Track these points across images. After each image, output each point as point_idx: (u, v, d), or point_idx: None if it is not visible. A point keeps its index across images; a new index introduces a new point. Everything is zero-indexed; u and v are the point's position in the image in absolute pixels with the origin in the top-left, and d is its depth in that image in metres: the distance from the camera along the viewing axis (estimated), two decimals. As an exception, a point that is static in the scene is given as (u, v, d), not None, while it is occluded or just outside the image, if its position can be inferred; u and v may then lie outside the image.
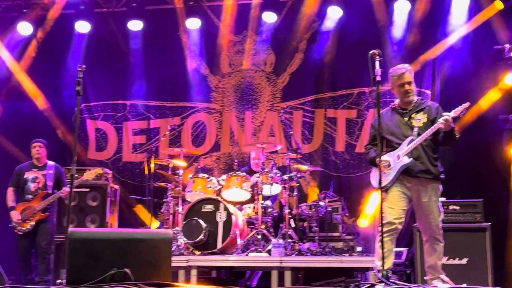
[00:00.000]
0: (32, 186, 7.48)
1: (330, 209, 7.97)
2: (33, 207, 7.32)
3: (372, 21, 9.20)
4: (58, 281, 4.63)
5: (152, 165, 8.20)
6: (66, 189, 7.37)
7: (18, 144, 9.82)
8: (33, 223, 7.31)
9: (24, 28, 10.02)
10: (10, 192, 7.56)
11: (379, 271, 4.94)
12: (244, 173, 7.84)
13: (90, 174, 7.55)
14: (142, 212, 9.50)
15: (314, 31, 9.71)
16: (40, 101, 10.11)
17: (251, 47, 9.96)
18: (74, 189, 7.11)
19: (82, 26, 9.96)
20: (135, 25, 9.90)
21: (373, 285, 4.63)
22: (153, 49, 10.11)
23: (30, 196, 7.42)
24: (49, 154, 7.93)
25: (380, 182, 5.06)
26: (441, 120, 5.35)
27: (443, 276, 5.54)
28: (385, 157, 5.49)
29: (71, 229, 4.45)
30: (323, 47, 9.55)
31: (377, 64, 5.03)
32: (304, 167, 8.04)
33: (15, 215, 7.33)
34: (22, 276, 7.31)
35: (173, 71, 10.07)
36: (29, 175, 7.55)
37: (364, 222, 8.68)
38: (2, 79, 10.36)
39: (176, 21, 10.03)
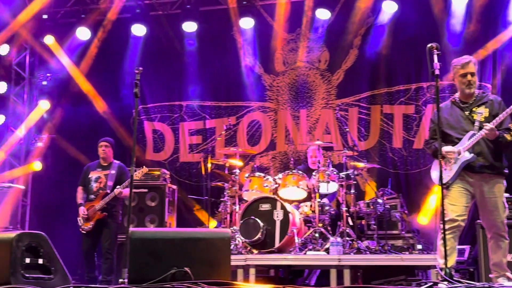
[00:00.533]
0: (94, 186, 7.55)
1: (389, 206, 7.84)
2: (94, 207, 7.39)
3: (429, 14, 9.01)
4: (120, 280, 4.69)
5: (209, 165, 8.27)
6: (118, 189, 7.39)
7: (79, 146, 10.11)
8: (92, 222, 7.38)
9: (83, 33, 10.30)
10: (80, 191, 7.64)
11: (441, 269, 4.83)
12: (300, 172, 7.81)
13: (138, 174, 7.54)
14: (199, 211, 9.59)
15: (368, 26, 9.59)
16: (99, 104, 10.34)
17: (305, 44, 9.92)
18: (134, 190, 7.24)
19: (138, 29, 10.16)
20: (190, 26, 10.00)
21: (435, 283, 4.53)
22: (208, 49, 10.19)
23: (92, 196, 7.50)
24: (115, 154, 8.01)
25: (441, 179, 4.93)
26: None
27: (508, 274, 5.37)
28: (450, 148, 5.34)
29: (132, 229, 4.51)
30: (378, 42, 9.42)
31: (435, 57, 4.91)
32: (361, 164, 7.95)
33: (81, 211, 7.41)
34: (85, 274, 7.45)
35: (227, 71, 10.14)
36: (93, 175, 7.61)
37: (424, 219, 8.52)
38: (62, 83, 10.67)
39: (229, 21, 10.08)
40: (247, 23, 9.90)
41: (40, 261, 4.50)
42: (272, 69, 10.09)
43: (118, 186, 7.42)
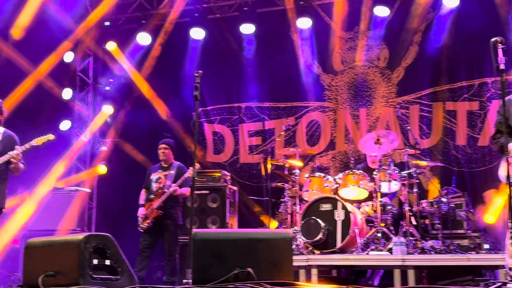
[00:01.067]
0: (154, 186, 7.64)
1: (453, 205, 7.66)
2: (152, 206, 7.50)
3: (491, 6, 8.76)
4: (185, 280, 4.76)
5: (269, 166, 8.29)
6: (172, 187, 7.47)
7: (141, 149, 10.32)
8: (149, 220, 7.47)
9: (143, 38, 10.52)
10: (142, 193, 7.77)
11: (510, 269, 4.69)
12: (361, 171, 7.74)
13: (191, 173, 7.57)
14: (261, 212, 9.62)
15: (429, 22, 9.41)
16: (160, 107, 10.52)
17: (363, 43, 9.81)
18: (195, 192, 7.31)
19: (197, 33, 10.30)
20: (247, 28, 10.08)
21: (504, 283, 4.40)
22: (266, 51, 10.23)
23: (152, 196, 7.59)
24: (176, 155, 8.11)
25: (508, 176, 4.78)
26: None
27: None
28: None
29: (195, 230, 4.57)
30: (439, 38, 9.23)
31: (500, 52, 4.77)
32: (423, 163, 7.80)
33: (140, 211, 7.55)
34: (135, 269, 7.51)
35: (285, 71, 10.13)
36: (154, 176, 7.72)
37: (491, 218, 8.28)
38: (124, 88, 10.93)
39: (287, 21, 10.08)
40: (304, 23, 9.88)
41: (107, 262, 4.60)
42: (331, 68, 10.03)
43: (173, 185, 7.52)
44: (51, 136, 6.08)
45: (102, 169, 10.84)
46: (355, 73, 9.86)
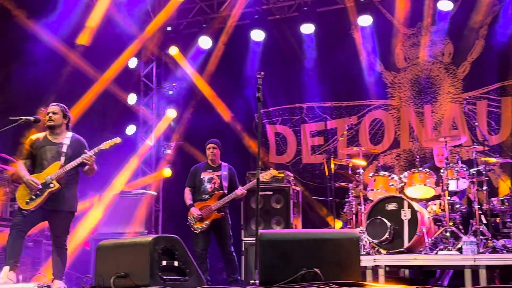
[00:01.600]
0: (208, 186, 7.54)
1: (525, 203, 7.40)
2: (209, 206, 7.41)
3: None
4: (252, 281, 4.78)
5: (332, 166, 8.23)
6: (242, 190, 7.47)
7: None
8: (208, 222, 7.38)
9: (205, 42, 10.66)
10: (188, 192, 7.67)
11: None
12: (427, 170, 7.59)
13: (265, 176, 7.60)
14: (325, 212, 9.57)
15: (495, 15, 9.13)
16: (222, 109, 10.62)
17: (427, 38, 9.62)
18: (259, 193, 7.28)
19: (257, 35, 10.37)
20: (308, 28, 10.06)
21: None
22: (326, 50, 10.17)
23: (206, 196, 7.49)
24: (232, 159, 8.15)
25: None
26: None
27: None
28: None
29: (261, 231, 4.58)
30: (506, 31, 8.94)
31: None
32: (492, 160, 7.57)
33: (195, 211, 7.40)
34: None
35: (347, 70, 10.05)
36: (205, 176, 7.62)
37: None
38: (187, 92, 11.09)
39: (347, 20, 10.01)
40: (365, 21, 9.78)
41: (176, 263, 4.66)
42: (393, 65, 9.88)
43: (240, 187, 7.50)
44: (118, 140, 6.21)
45: (167, 172, 11.03)
46: (418, 70, 9.68)
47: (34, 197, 5.83)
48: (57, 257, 5.92)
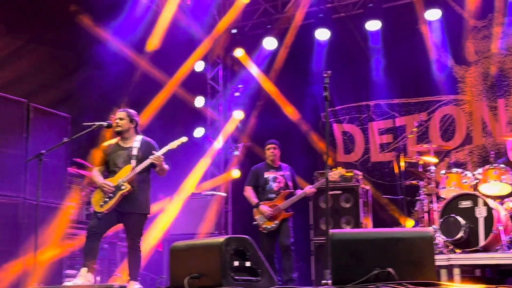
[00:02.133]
0: (274, 185, 7.53)
1: None
2: (278, 206, 7.38)
3: None
4: (323, 281, 4.76)
5: (402, 164, 8.10)
6: (311, 188, 7.42)
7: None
8: (277, 221, 7.36)
9: (270, 43, 10.70)
10: (251, 190, 7.65)
11: None
12: (502, 165, 7.35)
13: (334, 175, 7.52)
14: (395, 211, 9.42)
15: None
16: (289, 110, 10.62)
17: (498, 30, 9.31)
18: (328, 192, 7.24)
19: (322, 34, 10.33)
20: (373, 25, 9.94)
21: None
22: (393, 46, 10.01)
23: (273, 195, 7.47)
24: (299, 159, 8.13)
25: None
26: None
27: None
28: None
29: (332, 230, 4.55)
30: None
31: None
32: None
33: (266, 209, 7.36)
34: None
35: (415, 66, 9.88)
36: (269, 175, 7.61)
37: None
38: (253, 93, 11.16)
39: (414, 14, 9.81)
40: (433, 15, 9.57)
41: (247, 263, 4.70)
42: (463, 59, 9.62)
43: (309, 186, 7.46)
44: (184, 139, 6.29)
45: (235, 173, 11.12)
46: (490, 63, 9.38)
47: (107, 199, 6.01)
48: (132, 259, 6.07)
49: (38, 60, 8.72)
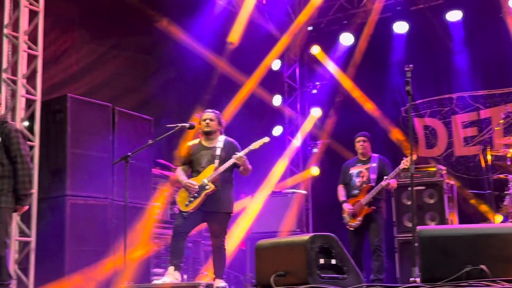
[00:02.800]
0: (357, 181, 7.38)
1: None
2: (359, 201, 7.23)
3: None
4: (411, 279, 4.67)
5: (488, 157, 7.85)
6: (386, 180, 7.15)
7: (352, 149, 10.33)
8: (360, 218, 7.20)
9: (346, 39, 10.61)
10: (340, 189, 7.55)
11: None
12: None
13: (406, 162, 7.17)
14: (482, 206, 9.12)
15: None
16: (368, 105, 10.48)
17: None
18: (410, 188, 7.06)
19: (400, 27, 10.15)
20: (454, 15, 9.68)
21: None
22: (475, 36, 9.72)
23: (356, 191, 7.32)
24: (380, 152, 7.91)
25: None
26: None
27: None
28: None
29: (419, 227, 4.45)
30: None
31: None
32: None
33: (346, 206, 7.29)
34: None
35: (499, 56, 9.52)
36: (353, 171, 7.46)
37: None
38: (331, 90, 11.08)
39: (496, 2, 9.44)
40: (517, 2, 9.21)
41: (333, 261, 4.66)
42: (551, 47, 9.20)
43: (385, 177, 7.20)
44: (266, 139, 6.33)
45: (315, 171, 11.09)
46: None
47: (192, 199, 6.11)
48: (217, 257, 6.16)
49: (120, 65, 9.02)
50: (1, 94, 6.95)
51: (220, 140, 6.34)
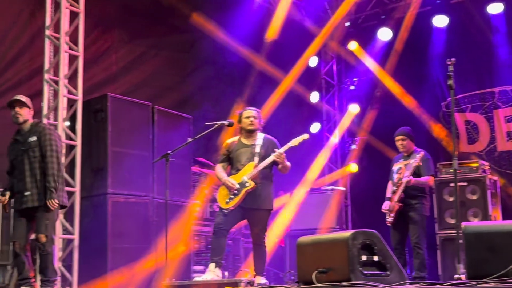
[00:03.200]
0: (395, 177, 7.23)
1: None
2: (393, 198, 7.11)
3: None
4: (456, 276, 4.59)
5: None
6: (406, 178, 6.97)
7: (391, 145, 10.22)
8: (393, 214, 7.08)
9: (384, 34, 10.49)
10: (389, 185, 7.41)
11: None
12: None
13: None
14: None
15: None
16: (407, 100, 10.35)
17: None
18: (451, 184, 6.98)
19: (440, 20, 10.00)
20: (495, 7, 9.48)
21: None
22: (519, 28, 9.51)
23: (394, 188, 7.17)
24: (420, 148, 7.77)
25: None
26: None
27: None
28: None
29: (464, 223, 4.38)
30: None
31: None
32: None
33: (384, 205, 7.21)
34: None
35: (544, 47, 9.31)
36: (395, 167, 7.36)
37: None
38: (369, 86, 10.99)
39: (540, -7, 9.26)
40: (561, -7, 8.98)
41: (375, 258, 4.61)
42: None
43: (405, 174, 7.02)
44: (306, 136, 6.30)
45: (353, 167, 11.02)
46: None
47: (232, 196, 6.12)
48: (258, 254, 6.16)
49: (159, 64, 9.10)
50: (44, 95, 7.11)
51: (260, 138, 6.33)
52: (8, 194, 5.86)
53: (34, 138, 5.78)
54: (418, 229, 7.08)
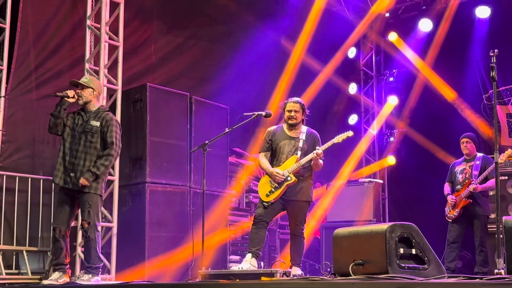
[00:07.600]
0: (460, 177, 7.49)
1: None
2: (459, 195, 7.35)
3: None
4: (496, 270, 4.51)
5: None
6: (472, 185, 7.21)
7: (431, 137, 10.14)
8: (458, 210, 7.32)
9: (425, 25, 10.35)
10: (446, 186, 7.68)
11: None
12: None
13: (502, 158, 7.15)
14: None
15: None
16: (447, 93, 10.19)
17: None
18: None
19: (483, 11, 9.83)
20: (540, -2, 9.24)
21: None
22: None
23: (459, 187, 7.45)
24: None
25: None
26: None
27: None
28: None
29: (505, 217, 4.30)
30: None
31: None
32: None
33: (450, 198, 7.44)
34: (444, 263, 7.28)
35: None
36: (458, 168, 7.59)
37: None
38: (409, 78, 10.84)
39: None
40: None
41: (413, 251, 4.56)
42: None
43: (472, 181, 7.25)
44: (350, 133, 6.24)
45: (391, 160, 10.91)
46: None
47: (273, 189, 6.08)
48: (295, 245, 6.13)
49: (197, 54, 9.12)
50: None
51: (303, 131, 6.22)
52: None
53: (97, 124, 5.77)
54: (482, 227, 7.34)
